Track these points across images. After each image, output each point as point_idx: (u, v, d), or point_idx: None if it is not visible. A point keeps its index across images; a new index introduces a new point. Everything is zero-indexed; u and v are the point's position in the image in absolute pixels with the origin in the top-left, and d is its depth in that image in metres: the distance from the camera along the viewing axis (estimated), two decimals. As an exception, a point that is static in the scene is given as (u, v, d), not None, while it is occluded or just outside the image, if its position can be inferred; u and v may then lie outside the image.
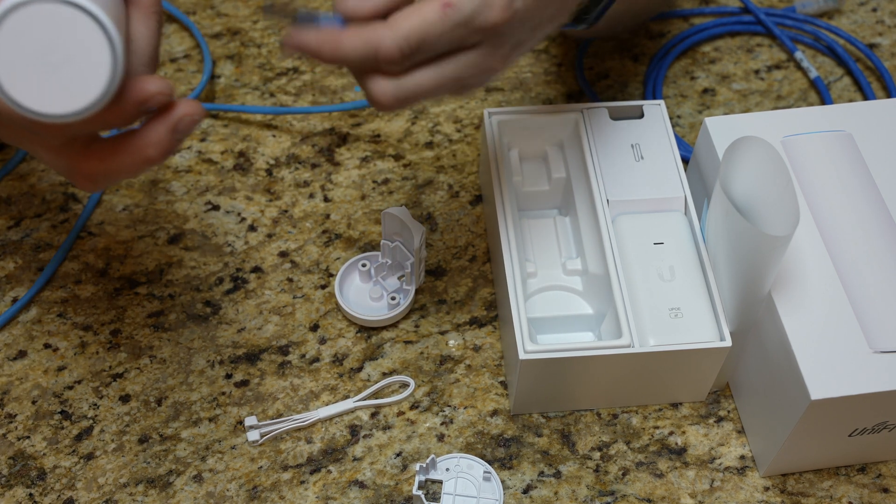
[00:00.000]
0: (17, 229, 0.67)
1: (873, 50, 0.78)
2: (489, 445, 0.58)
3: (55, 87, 0.38)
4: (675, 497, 0.56)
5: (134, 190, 0.69)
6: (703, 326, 0.55)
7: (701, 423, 0.59)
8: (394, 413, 0.60)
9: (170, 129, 0.42)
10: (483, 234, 0.67)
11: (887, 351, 0.51)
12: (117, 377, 0.61)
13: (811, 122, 0.61)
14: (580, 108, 0.63)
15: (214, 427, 0.59)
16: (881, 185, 0.58)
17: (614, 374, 0.56)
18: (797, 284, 0.54)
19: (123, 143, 0.43)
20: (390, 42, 0.42)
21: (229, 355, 0.62)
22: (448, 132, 0.73)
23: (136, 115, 0.42)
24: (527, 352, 0.54)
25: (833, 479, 0.57)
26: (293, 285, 0.65)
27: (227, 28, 0.79)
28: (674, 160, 0.61)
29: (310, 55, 0.44)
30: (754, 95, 0.75)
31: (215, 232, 0.67)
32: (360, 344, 0.62)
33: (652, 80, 0.75)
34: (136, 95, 0.41)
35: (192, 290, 0.64)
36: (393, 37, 0.43)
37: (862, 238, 0.56)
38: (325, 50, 0.43)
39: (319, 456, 0.58)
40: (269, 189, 0.69)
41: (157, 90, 0.41)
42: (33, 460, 0.57)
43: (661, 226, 0.59)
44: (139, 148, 0.42)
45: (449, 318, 0.63)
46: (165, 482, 0.57)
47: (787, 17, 0.79)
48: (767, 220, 0.51)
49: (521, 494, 0.56)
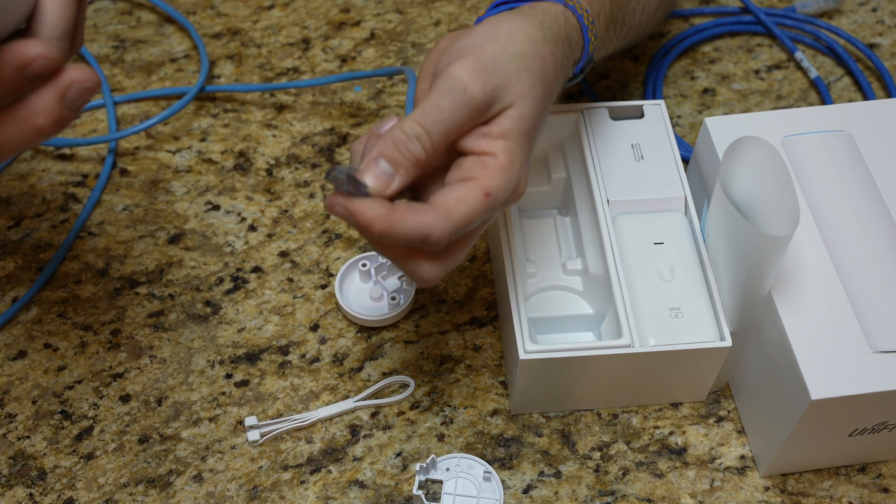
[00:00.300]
0: (17, 229, 0.67)
1: (873, 50, 0.78)
2: (489, 445, 0.58)
3: None
4: (675, 497, 0.56)
5: (134, 190, 0.69)
6: (703, 326, 0.55)
7: (701, 423, 0.59)
8: (394, 413, 0.60)
9: (58, 96, 0.40)
10: (483, 234, 0.67)
11: (887, 351, 0.51)
12: (117, 377, 0.61)
13: (811, 122, 0.61)
14: (580, 108, 0.63)
15: (214, 427, 0.59)
16: (881, 185, 0.58)
17: (614, 374, 0.56)
18: (797, 284, 0.54)
19: (10, 113, 0.40)
20: (442, 233, 0.44)
21: (229, 355, 0.62)
22: (448, 132, 0.73)
23: (17, 81, 0.39)
24: (527, 352, 0.54)
25: (833, 479, 0.57)
26: (293, 285, 0.65)
27: (227, 28, 0.79)
28: (674, 160, 0.61)
29: (356, 225, 0.44)
30: (754, 95, 0.75)
31: (215, 232, 0.67)
32: (360, 344, 0.62)
33: (652, 80, 0.75)
34: (14, 59, 0.38)
35: (193, 290, 0.64)
36: (445, 228, 0.44)
37: (862, 238, 0.56)
38: (377, 225, 0.44)
39: (319, 456, 0.58)
40: (269, 189, 0.69)
41: (38, 53, 0.38)
42: (33, 460, 0.57)
43: (661, 226, 0.59)
44: (26, 117, 0.40)
45: (449, 318, 0.63)
46: (165, 482, 0.57)
47: (787, 17, 0.79)
48: (767, 220, 0.51)
49: (521, 494, 0.56)
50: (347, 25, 0.79)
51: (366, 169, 0.44)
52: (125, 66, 0.76)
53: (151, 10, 0.80)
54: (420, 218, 0.44)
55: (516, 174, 0.46)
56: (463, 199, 0.45)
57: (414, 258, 0.46)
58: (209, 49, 0.77)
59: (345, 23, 0.79)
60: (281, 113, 0.73)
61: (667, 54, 0.77)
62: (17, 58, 0.38)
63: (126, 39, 0.78)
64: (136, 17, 0.80)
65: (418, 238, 0.44)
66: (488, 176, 0.45)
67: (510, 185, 0.46)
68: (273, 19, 0.79)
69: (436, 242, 0.44)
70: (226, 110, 0.74)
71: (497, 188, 0.45)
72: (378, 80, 0.76)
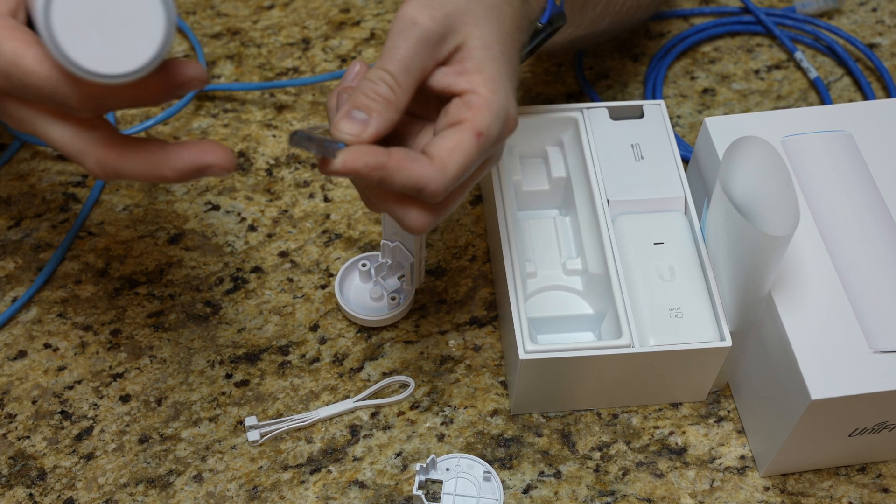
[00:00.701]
0: (17, 229, 0.67)
1: (873, 50, 0.78)
2: (489, 445, 0.58)
3: (110, 47, 0.38)
4: (675, 497, 0.56)
5: (134, 190, 0.69)
6: (703, 326, 0.55)
7: (701, 423, 0.59)
8: (394, 413, 0.60)
9: (196, 167, 0.43)
10: (483, 234, 0.67)
11: (887, 351, 0.51)
12: (117, 377, 0.61)
13: (811, 122, 0.61)
14: (580, 108, 0.63)
15: (214, 427, 0.59)
16: (881, 185, 0.58)
17: (614, 374, 0.56)
18: (797, 284, 0.54)
19: (147, 149, 0.43)
20: (438, 186, 0.44)
21: (229, 355, 0.62)
22: (448, 132, 0.73)
23: (169, 95, 0.43)
24: (527, 352, 0.54)
25: (833, 479, 0.57)
26: (293, 285, 0.65)
27: (227, 28, 0.79)
28: (674, 160, 0.61)
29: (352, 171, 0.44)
30: (754, 95, 0.75)
31: (215, 232, 0.67)
32: (360, 344, 0.62)
33: (652, 80, 0.75)
34: (176, 76, 0.42)
35: (192, 290, 0.64)
36: (441, 181, 0.44)
37: (862, 238, 0.56)
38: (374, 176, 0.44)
39: (319, 456, 0.58)
40: (269, 189, 0.69)
41: (195, 75, 0.43)
42: (33, 460, 0.57)
43: (661, 226, 0.59)
44: (159, 163, 0.43)
45: (449, 318, 0.63)
46: (165, 482, 0.57)
47: (787, 17, 0.79)
48: (767, 220, 0.51)
49: (521, 494, 0.56)
50: (347, 25, 0.79)
51: (339, 119, 0.44)
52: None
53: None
54: (416, 169, 0.44)
55: (503, 105, 0.46)
56: (456, 147, 0.44)
57: (405, 205, 0.46)
58: (209, 49, 0.77)
59: (345, 23, 0.79)
60: (281, 113, 0.73)
61: (667, 54, 0.77)
62: (179, 75, 0.42)
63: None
64: (135, 17, 0.80)
65: (413, 188, 0.44)
66: (475, 114, 0.45)
67: (499, 118, 0.46)
68: (273, 19, 0.79)
69: (432, 195, 0.44)
70: (225, 110, 0.74)
71: (487, 125, 0.45)
72: (378, 80, 0.75)
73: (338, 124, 0.44)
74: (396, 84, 0.45)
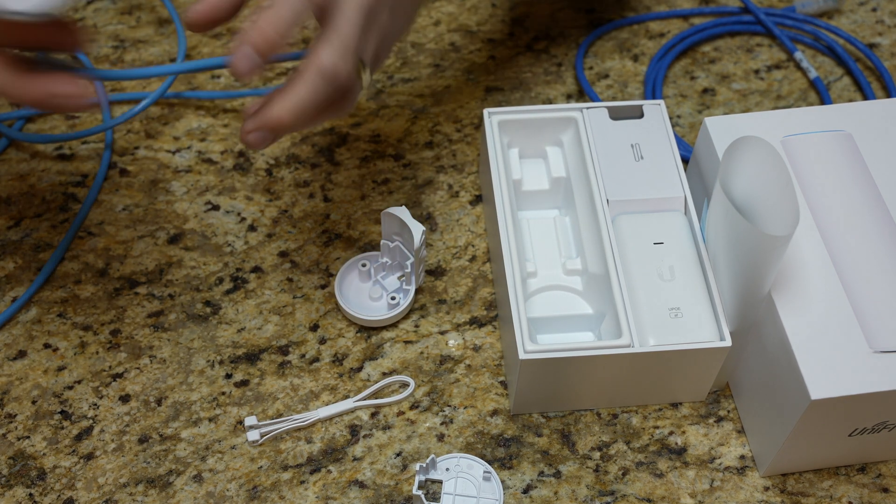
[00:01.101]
0: (17, 229, 0.67)
1: (873, 50, 0.78)
2: (489, 445, 0.58)
3: None
4: (675, 497, 0.56)
5: (134, 190, 0.69)
6: (703, 326, 0.55)
7: (701, 422, 0.59)
8: (394, 413, 0.60)
9: (47, 94, 0.48)
10: (483, 234, 0.67)
11: (887, 351, 0.51)
12: (117, 377, 0.61)
13: (811, 122, 0.61)
14: (580, 108, 0.63)
15: (214, 427, 0.59)
16: (881, 185, 0.58)
17: (614, 374, 0.56)
18: (797, 284, 0.54)
19: (15, 73, 0.48)
20: (289, 121, 0.51)
21: (229, 355, 0.62)
22: (448, 132, 0.73)
23: (56, 44, 0.49)
24: (527, 352, 0.54)
25: (833, 479, 0.57)
26: (293, 285, 0.65)
27: (227, 28, 0.79)
28: (674, 160, 0.61)
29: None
30: (754, 95, 0.75)
31: (215, 232, 0.67)
32: (360, 344, 0.62)
33: (652, 80, 0.75)
34: (70, 31, 0.49)
35: (192, 290, 0.64)
36: (290, 116, 0.50)
37: (862, 238, 0.56)
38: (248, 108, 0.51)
39: (319, 456, 0.58)
40: (269, 189, 0.69)
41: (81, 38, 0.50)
42: (33, 460, 0.57)
43: (660, 226, 0.59)
44: (21, 88, 0.48)
45: (449, 318, 0.63)
46: (165, 482, 0.57)
47: (787, 16, 0.79)
48: (767, 220, 0.51)
49: (521, 494, 0.56)
50: (347, 25, 0.79)
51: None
52: (125, 66, 0.76)
53: (151, 10, 0.80)
54: (264, 119, 0.50)
55: (352, 47, 0.50)
56: (302, 81, 0.50)
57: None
58: (209, 49, 0.77)
59: (345, 23, 0.79)
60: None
61: (666, 54, 0.77)
62: (74, 32, 0.49)
63: (126, 39, 0.78)
64: (136, 17, 0.80)
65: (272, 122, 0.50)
66: (322, 49, 0.50)
67: (345, 58, 0.50)
68: (273, 19, 0.79)
69: (285, 129, 0.51)
70: (225, 110, 0.74)
71: (331, 62, 0.50)
72: (378, 80, 0.75)
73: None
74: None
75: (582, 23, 0.80)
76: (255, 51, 0.49)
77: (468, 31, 0.79)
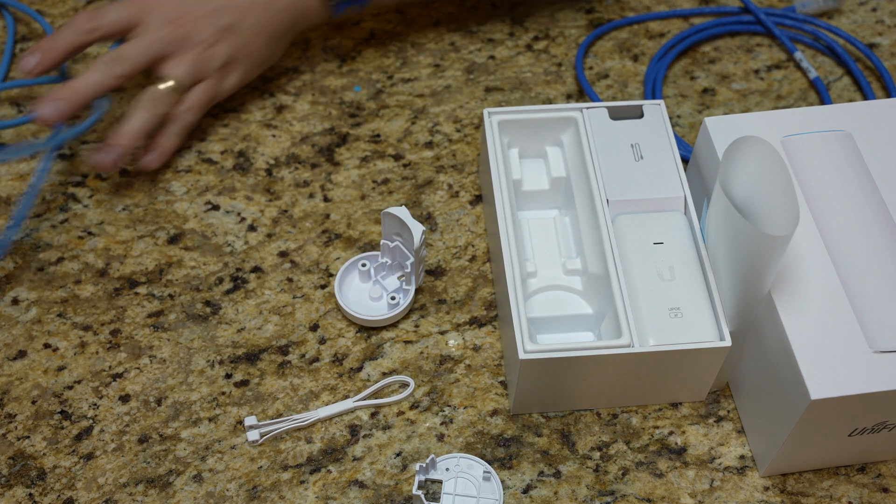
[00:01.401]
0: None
1: (873, 50, 0.78)
2: (489, 445, 0.58)
3: None
4: (674, 497, 0.56)
5: (134, 190, 0.69)
6: (703, 326, 0.55)
7: (701, 422, 0.59)
8: (394, 413, 0.60)
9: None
10: (483, 234, 0.67)
11: (887, 351, 0.51)
12: (117, 377, 0.61)
13: (811, 122, 0.61)
14: (580, 108, 0.63)
15: (214, 427, 0.59)
16: (881, 185, 0.58)
17: (614, 374, 0.56)
18: (797, 284, 0.54)
19: None
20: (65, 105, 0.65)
21: (229, 355, 0.62)
22: (448, 132, 0.73)
23: None
24: (527, 352, 0.54)
25: (833, 479, 0.57)
26: (293, 285, 0.65)
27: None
28: (674, 160, 0.61)
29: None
30: (754, 95, 0.75)
31: (215, 232, 0.67)
32: (359, 344, 0.62)
33: (652, 80, 0.75)
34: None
35: (192, 290, 0.64)
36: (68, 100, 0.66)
37: (862, 238, 0.56)
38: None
39: (319, 456, 0.58)
40: (268, 189, 0.69)
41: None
42: (33, 460, 0.57)
43: (660, 226, 0.59)
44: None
45: (449, 318, 0.63)
46: (165, 482, 0.57)
47: (787, 16, 0.79)
48: (767, 220, 0.51)
49: (520, 494, 0.56)
50: (347, 25, 0.79)
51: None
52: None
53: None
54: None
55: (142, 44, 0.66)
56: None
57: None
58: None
59: (345, 23, 0.79)
60: (280, 113, 0.73)
61: (666, 54, 0.77)
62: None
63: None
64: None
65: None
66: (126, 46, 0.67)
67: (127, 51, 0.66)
68: (273, 19, 0.79)
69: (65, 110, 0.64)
70: (225, 110, 0.74)
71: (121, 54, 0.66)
72: (378, 80, 0.75)
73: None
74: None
75: (582, 23, 0.80)
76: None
77: (468, 31, 0.79)
